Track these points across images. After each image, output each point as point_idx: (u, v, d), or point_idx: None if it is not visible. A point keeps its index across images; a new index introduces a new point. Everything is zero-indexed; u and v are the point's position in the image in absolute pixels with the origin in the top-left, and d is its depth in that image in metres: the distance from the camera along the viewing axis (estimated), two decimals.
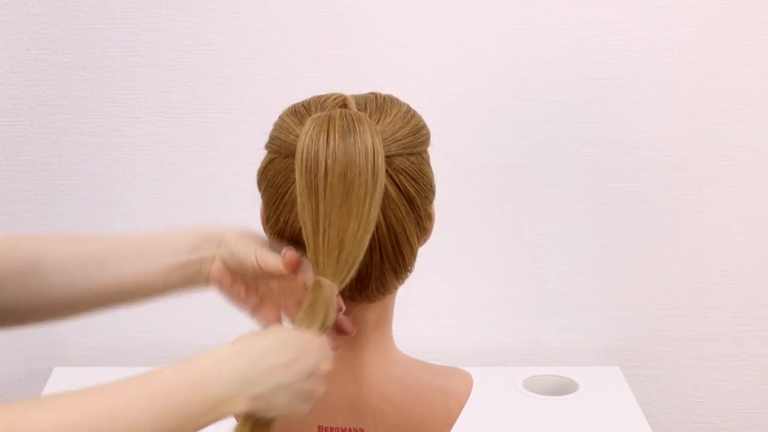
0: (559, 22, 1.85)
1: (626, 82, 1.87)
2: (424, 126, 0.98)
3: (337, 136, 0.89)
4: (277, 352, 0.85)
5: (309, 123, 0.91)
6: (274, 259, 0.94)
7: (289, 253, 0.93)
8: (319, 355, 0.88)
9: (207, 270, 0.98)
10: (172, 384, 0.80)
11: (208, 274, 0.98)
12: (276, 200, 0.95)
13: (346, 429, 0.99)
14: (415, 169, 0.95)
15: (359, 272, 0.93)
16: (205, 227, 1.00)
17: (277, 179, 0.95)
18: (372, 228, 0.90)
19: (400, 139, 0.94)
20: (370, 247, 0.92)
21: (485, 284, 1.96)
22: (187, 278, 0.99)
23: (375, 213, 0.90)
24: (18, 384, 1.94)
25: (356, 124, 0.90)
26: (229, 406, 0.82)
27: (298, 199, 0.90)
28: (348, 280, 0.91)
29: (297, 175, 0.90)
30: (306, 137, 0.90)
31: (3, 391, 1.95)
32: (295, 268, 0.93)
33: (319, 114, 0.92)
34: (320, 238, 0.90)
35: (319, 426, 0.99)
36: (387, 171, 0.92)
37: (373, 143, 0.89)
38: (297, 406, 0.87)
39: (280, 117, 0.98)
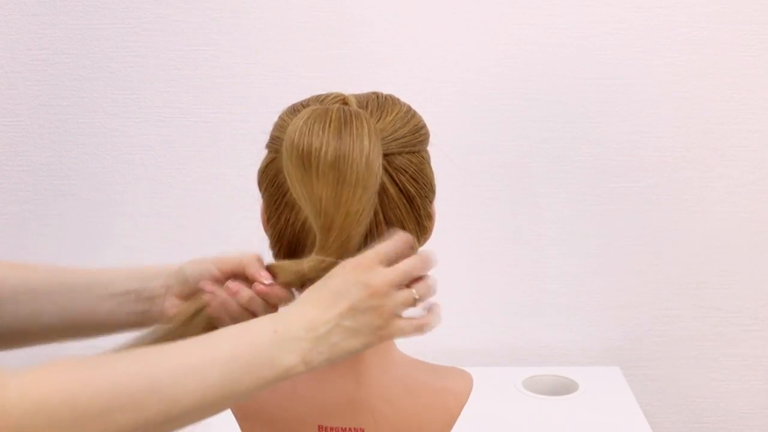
0: (559, 22, 1.85)
1: (626, 82, 1.87)
2: (424, 126, 0.98)
3: (332, 127, 0.89)
4: (316, 307, 0.85)
5: (304, 112, 0.91)
6: (232, 259, 0.94)
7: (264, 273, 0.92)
8: (355, 287, 0.86)
9: (160, 306, 0.96)
10: (234, 353, 0.81)
11: (161, 310, 0.96)
12: (277, 199, 0.95)
13: (346, 429, 0.99)
14: (415, 168, 0.95)
15: None
16: (163, 263, 0.98)
17: (277, 178, 0.95)
18: (365, 221, 0.90)
19: (400, 138, 0.94)
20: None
21: (485, 284, 1.96)
22: (136, 313, 0.97)
23: (367, 208, 0.89)
24: None
25: (353, 119, 0.90)
26: (282, 370, 0.83)
27: (288, 181, 0.90)
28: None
29: (285, 158, 0.89)
30: (298, 123, 0.90)
31: None
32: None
33: (316, 106, 0.92)
34: (321, 219, 0.90)
35: (319, 426, 0.99)
36: (387, 170, 0.92)
37: (369, 139, 0.89)
38: (365, 339, 0.87)
39: (279, 117, 0.98)
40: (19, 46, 1.85)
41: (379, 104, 0.97)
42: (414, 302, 0.90)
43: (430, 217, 0.98)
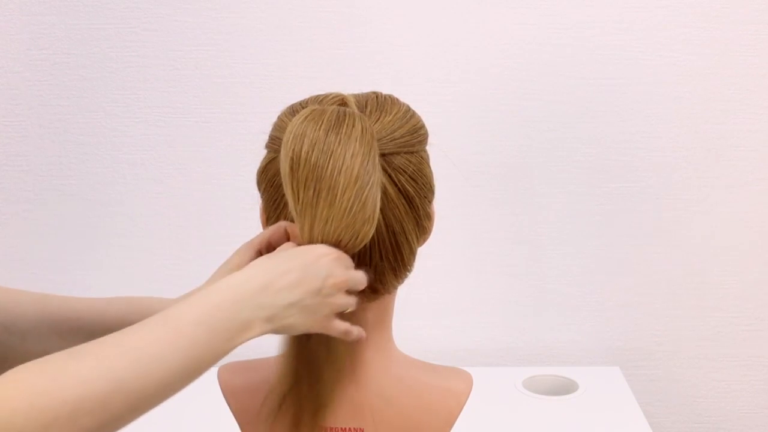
0: (559, 22, 1.85)
1: (626, 82, 1.87)
2: (423, 126, 0.98)
3: (322, 129, 0.89)
4: (284, 272, 0.86)
5: (302, 113, 0.91)
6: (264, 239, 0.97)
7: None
8: (326, 269, 0.88)
9: None
10: (195, 317, 0.82)
11: None
12: (276, 200, 0.95)
13: (346, 429, 0.99)
14: (414, 168, 0.95)
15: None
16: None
17: (277, 179, 0.95)
18: (368, 223, 0.90)
19: (398, 138, 0.94)
20: (369, 247, 0.92)
21: (485, 284, 1.96)
22: None
23: (356, 205, 0.89)
24: None
25: (345, 120, 0.90)
26: (247, 331, 0.84)
27: (284, 181, 0.90)
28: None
29: (281, 159, 0.89)
30: (295, 124, 0.89)
31: None
32: None
33: (314, 107, 0.92)
34: (306, 225, 0.90)
35: (319, 426, 0.99)
36: (386, 170, 0.92)
37: (360, 140, 0.89)
38: (313, 321, 0.88)
39: (279, 117, 0.98)
40: (19, 46, 1.85)
41: (379, 104, 0.97)
42: (345, 310, 0.92)
43: (429, 217, 0.98)
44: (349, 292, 0.91)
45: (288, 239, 0.96)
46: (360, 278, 0.92)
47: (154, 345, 0.79)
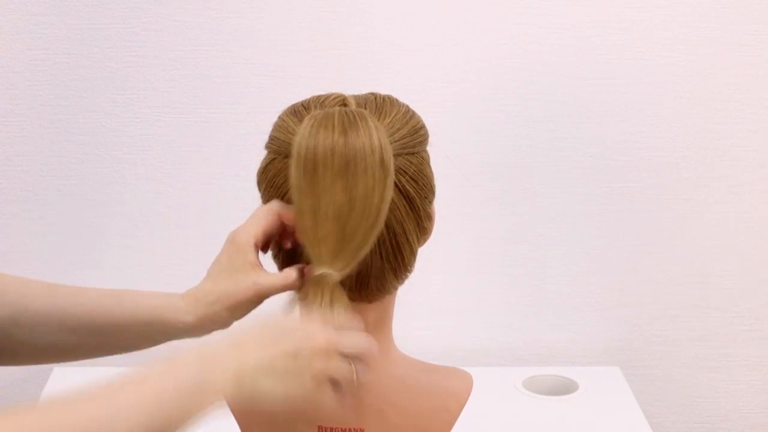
0: (559, 22, 1.85)
1: (626, 82, 1.87)
2: (423, 126, 0.98)
3: (336, 132, 0.89)
4: (257, 332, 0.83)
5: (307, 120, 0.91)
6: (275, 279, 0.93)
7: (292, 274, 0.93)
8: (303, 331, 0.84)
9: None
10: (161, 369, 0.79)
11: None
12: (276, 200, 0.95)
13: (346, 429, 0.99)
14: (415, 169, 0.95)
15: (359, 272, 0.93)
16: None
17: (277, 179, 0.95)
18: (381, 222, 0.90)
19: (399, 140, 0.94)
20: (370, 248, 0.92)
21: (485, 284, 1.96)
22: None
23: (384, 206, 0.89)
24: (18, 384, 1.94)
25: (357, 120, 0.90)
26: (216, 392, 0.80)
27: (294, 195, 0.89)
28: (348, 271, 0.91)
29: (293, 170, 0.89)
30: (304, 133, 0.90)
31: (3, 391, 1.95)
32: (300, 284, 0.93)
33: (318, 111, 0.92)
34: (319, 232, 0.89)
35: (319, 426, 0.99)
36: None
37: (378, 136, 0.89)
38: (292, 389, 0.83)
39: (279, 117, 0.98)
40: (19, 46, 1.85)
41: (378, 105, 0.97)
42: (344, 376, 0.86)
43: (429, 217, 0.98)
44: (350, 356, 0.86)
45: (284, 227, 0.94)
46: (356, 343, 0.87)
47: (121, 396, 0.77)
